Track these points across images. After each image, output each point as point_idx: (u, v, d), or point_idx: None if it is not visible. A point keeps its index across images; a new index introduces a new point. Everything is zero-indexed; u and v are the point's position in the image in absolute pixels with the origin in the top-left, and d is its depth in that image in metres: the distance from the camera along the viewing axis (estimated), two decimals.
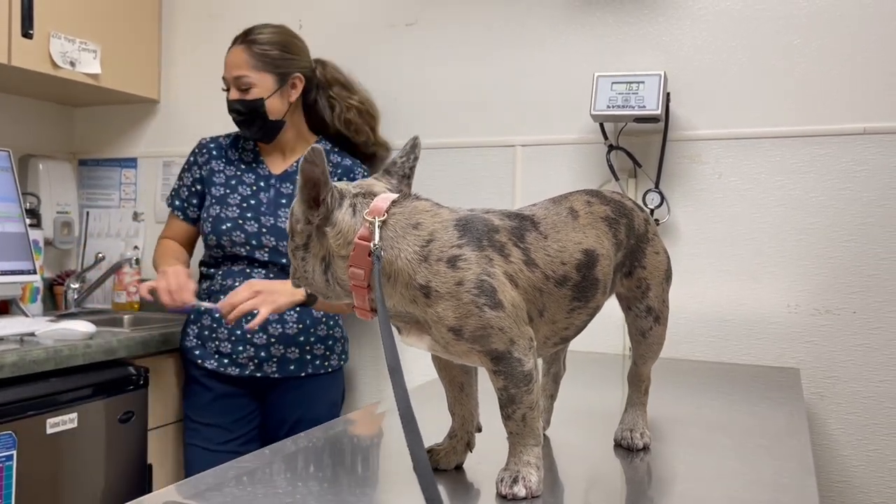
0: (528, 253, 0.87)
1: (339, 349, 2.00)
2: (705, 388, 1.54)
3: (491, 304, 0.83)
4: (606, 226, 0.97)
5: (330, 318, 1.96)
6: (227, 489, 0.86)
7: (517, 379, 0.83)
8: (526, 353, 0.84)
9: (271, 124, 1.91)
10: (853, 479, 1.76)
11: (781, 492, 0.90)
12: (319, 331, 1.94)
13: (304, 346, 1.91)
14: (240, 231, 1.89)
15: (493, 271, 0.84)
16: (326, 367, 1.95)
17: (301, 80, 1.92)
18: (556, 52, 2.03)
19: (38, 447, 1.60)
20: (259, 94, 1.87)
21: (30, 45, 2.02)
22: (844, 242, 1.78)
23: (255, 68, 1.86)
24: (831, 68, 1.80)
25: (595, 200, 0.99)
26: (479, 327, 0.82)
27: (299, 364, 1.91)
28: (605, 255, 0.95)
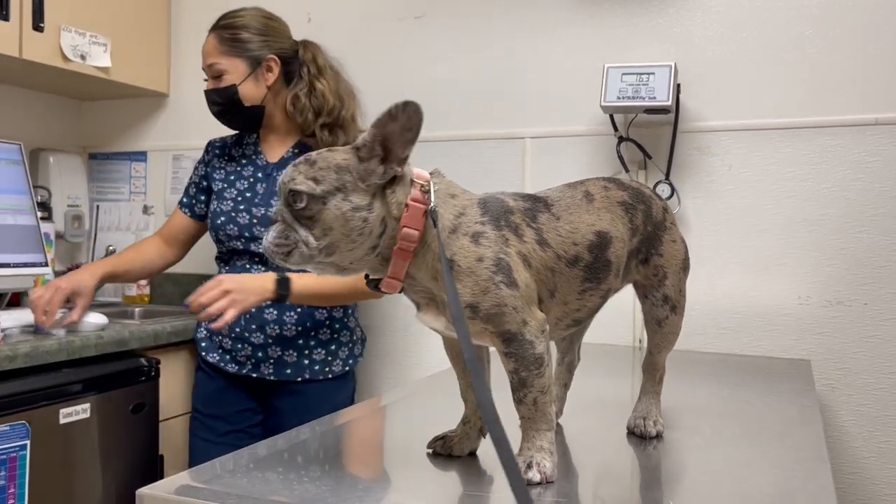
0: (540, 233, 0.89)
1: (344, 353, 1.88)
2: (716, 380, 1.54)
3: (507, 282, 0.84)
4: (623, 210, 0.98)
5: (335, 322, 1.86)
6: (239, 475, 0.86)
7: (528, 362, 0.84)
8: (537, 335, 0.84)
9: (249, 111, 1.83)
10: (864, 471, 1.75)
11: (796, 481, 0.89)
12: (321, 335, 1.85)
13: (303, 349, 1.83)
14: (233, 224, 1.84)
15: (508, 251, 0.86)
16: (327, 373, 1.85)
17: (276, 63, 1.82)
18: (566, 44, 2.03)
19: (51, 437, 1.61)
20: (231, 81, 1.80)
21: (41, 39, 2.02)
22: (856, 234, 1.77)
23: (225, 54, 1.80)
24: (843, 58, 1.79)
25: (612, 186, 1.00)
26: (494, 305, 0.83)
27: (297, 368, 1.83)
28: (619, 237, 0.96)
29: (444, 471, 0.91)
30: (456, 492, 0.87)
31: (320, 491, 0.84)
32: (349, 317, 1.91)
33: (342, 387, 1.89)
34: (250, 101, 1.82)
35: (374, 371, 2.21)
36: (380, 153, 0.83)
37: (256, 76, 1.82)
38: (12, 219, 2.02)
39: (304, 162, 0.83)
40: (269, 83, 1.83)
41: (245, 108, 1.83)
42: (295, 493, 0.81)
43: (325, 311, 1.84)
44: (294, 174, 0.82)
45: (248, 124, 1.88)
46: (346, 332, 1.90)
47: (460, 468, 0.92)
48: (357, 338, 1.94)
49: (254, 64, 1.81)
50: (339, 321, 1.88)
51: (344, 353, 1.88)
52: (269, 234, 0.84)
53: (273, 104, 1.85)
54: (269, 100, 1.84)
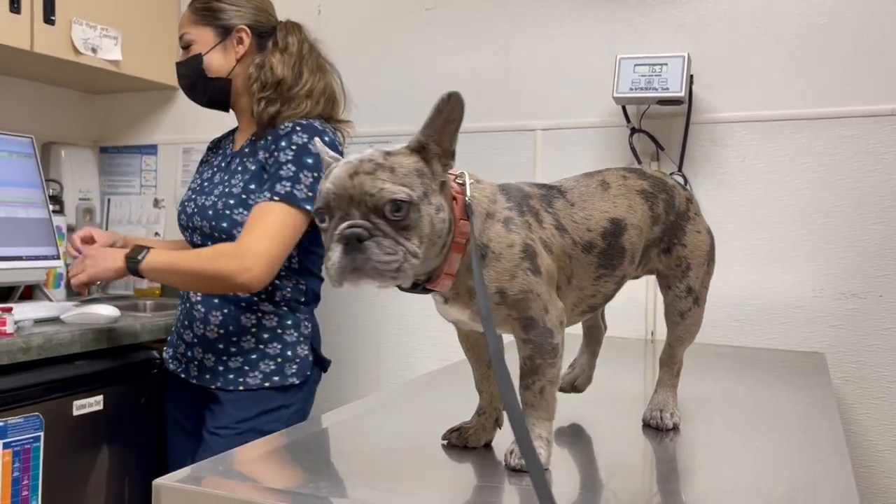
0: (557, 218, 0.90)
1: (268, 368, 1.64)
2: (731, 373, 1.53)
3: (533, 268, 0.84)
4: (642, 199, 0.98)
5: (265, 331, 1.65)
6: (256, 465, 0.86)
7: (544, 350, 0.84)
8: (556, 325, 0.85)
9: (214, 84, 1.71)
10: (879, 465, 1.74)
11: (814, 474, 0.89)
12: (244, 342, 1.64)
13: (222, 355, 1.65)
14: (183, 215, 1.74)
15: (532, 237, 0.86)
16: (239, 385, 1.63)
17: (248, 34, 1.70)
18: (578, 35, 2.01)
19: (64, 429, 1.61)
20: (197, 50, 1.70)
21: (52, 32, 2.03)
22: (871, 225, 1.76)
23: (194, 23, 1.71)
24: (858, 48, 1.77)
25: (632, 175, 1.01)
26: (520, 290, 0.83)
27: (213, 374, 1.65)
28: (635, 225, 0.95)
29: (460, 462, 0.91)
30: (471, 483, 0.86)
31: (336, 480, 0.83)
32: (287, 330, 1.67)
33: (258, 404, 1.63)
34: (215, 73, 1.71)
35: (338, 377, 2.21)
36: (438, 151, 0.81)
37: (225, 47, 1.71)
38: (24, 212, 2.02)
39: (379, 169, 0.77)
40: (239, 55, 1.71)
41: (210, 81, 1.71)
42: (311, 483, 0.80)
43: (252, 317, 1.65)
44: (381, 184, 0.76)
45: (214, 99, 1.75)
46: (277, 345, 1.66)
47: (475, 459, 0.92)
48: (298, 356, 1.67)
49: (223, 33, 1.70)
50: (271, 331, 1.66)
51: (268, 366, 1.64)
52: (369, 251, 0.75)
53: (238, 80, 1.72)
54: (236, 74, 1.72)
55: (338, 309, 2.24)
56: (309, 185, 1.58)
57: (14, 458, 1.50)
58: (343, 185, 0.76)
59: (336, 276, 0.76)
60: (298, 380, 1.66)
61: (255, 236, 1.54)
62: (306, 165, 1.58)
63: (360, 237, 0.75)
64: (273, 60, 1.70)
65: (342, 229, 0.76)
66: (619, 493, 0.83)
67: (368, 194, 0.76)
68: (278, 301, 1.67)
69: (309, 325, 1.72)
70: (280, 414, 1.65)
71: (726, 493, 0.82)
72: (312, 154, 1.58)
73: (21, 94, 2.38)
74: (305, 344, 1.69)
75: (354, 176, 0.76)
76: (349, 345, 2.25)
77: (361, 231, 0.75)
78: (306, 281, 1.71)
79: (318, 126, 1.65)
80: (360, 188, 0.76)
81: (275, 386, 1.64)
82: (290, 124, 1.62)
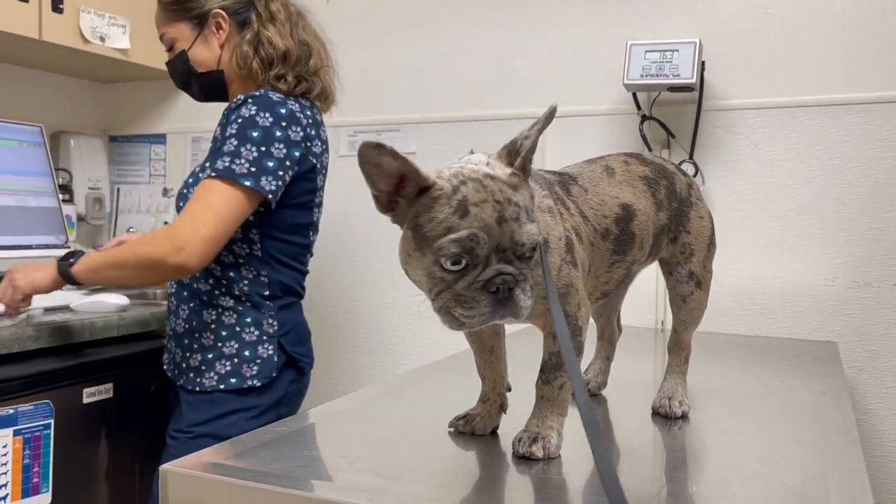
0: (577, 205, 0.88)
1: (224, 369, 1.54)
2: (742, 361, 1.52)
3: (572, 261, 0.83)
4: (645, 185, 0.97)
5: (223, 328, 1.56)
6: (261, 452, 0.86)
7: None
8: (585, 322, 0.85)
9: (206, 78, 1.66)
10: (892, 454, 1.73)
11: (826, 464, 0.88)
12: (203, 339, 1.56)
13: (185, 351, 1.59)
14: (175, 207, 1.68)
15: (567, 226, 0.85)
16: (195, 385, 1.55)
17: (224, 18, 1.62)
18: (588, 21, 1.99)
19: (74, 416, 1.62)
20: (181, 48, 1.65)
21: (60, 20, 2.02)
22: (885, 213, 1.74)
23: (168, 21, 1.65)
24: (872, 34, 1.74)
25: (633, 161, 0.99)
26: (564, 284, 0.82)
27: (180, 371, 1.60)
28: (643, 210, 0.95)
29: (466, 450, 0.91)
30: (478, 471, 0.86)
31: (342, 468, 0.83)
32: (247, 328, 1.56)
33: (214, 407, 1.54)
34: (204, 67, 1.65)
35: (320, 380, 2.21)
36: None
37: (206, 37, 1.64)
38: (34, 201, 2.03)
39: (521, 211, 0.74)
40: (222, 41, 1.63)
41: (201, 76, 1.65)
42: (316, 471, 0.80)
43: (213, 313, 1.57)
44: (527, 228, 0.73)
45: (210, 93, 1.69)
46: (235, 345, 1.55)
47: (482, 447, 0.91)
48: (259, 357, 1.56)
49: (199, 24, 1.63)
50: (229, 329, 1.56)
51: (224, 367, 1.54)
52: (517, 299, 0.73)
53: (229, 67, 1.65)
54: (224, 62, 1.65)
55: (336, 304, 2.24)
56: (252, 160, 1.47)
57: (24, 446, 1.50)
58: (492, 232, 0.72)
59: (479, 323, 0.74)
60: (260, 382, 1.54)
61: (188, 215, 1.44)
62: (249, 139, 1.47)
63: (511, 285, 0.73)
64: (268, 33, 1.62)
65: (491, 277, 0.73)
66: (627, 481, 0.82)
67: (520, 244, 0.73)
68: (238, 295, 1.57)
69: (275, 322, 1.58)
70: (237, 418, 1.53)
71: (735, 482, 0.81)
72: (259, 127, 1.48)
73: (30, 83, 2.38)
74: (270, 343, 1.57)
75: (503, 223, 0.73)
76: (352, 339, 2.24)
77: (513, 279, 0.73)
78: (269, 272, 1.59)
79: (275, 98, 1.54)
80: (510, 237, 0.73)
81: (231, 389, 1.53)
82: (242, 96, 1.53)
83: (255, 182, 1.47)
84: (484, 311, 0.73)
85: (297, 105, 1.58)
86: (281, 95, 1.57)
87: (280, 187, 1.53)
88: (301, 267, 1.68)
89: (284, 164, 1.52)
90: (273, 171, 1.50)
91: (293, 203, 1.60)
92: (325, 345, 2.26)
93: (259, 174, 1.48)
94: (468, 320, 0.73)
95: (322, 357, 2.25)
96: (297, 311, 1.68)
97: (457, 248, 0.72)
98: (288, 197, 1.58)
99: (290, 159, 1.54)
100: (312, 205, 1.66)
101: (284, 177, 1.53)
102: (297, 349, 1.64)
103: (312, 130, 1.60)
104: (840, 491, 0.77)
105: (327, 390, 2.23)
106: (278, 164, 1.51)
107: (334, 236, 2.23)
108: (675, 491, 0.79)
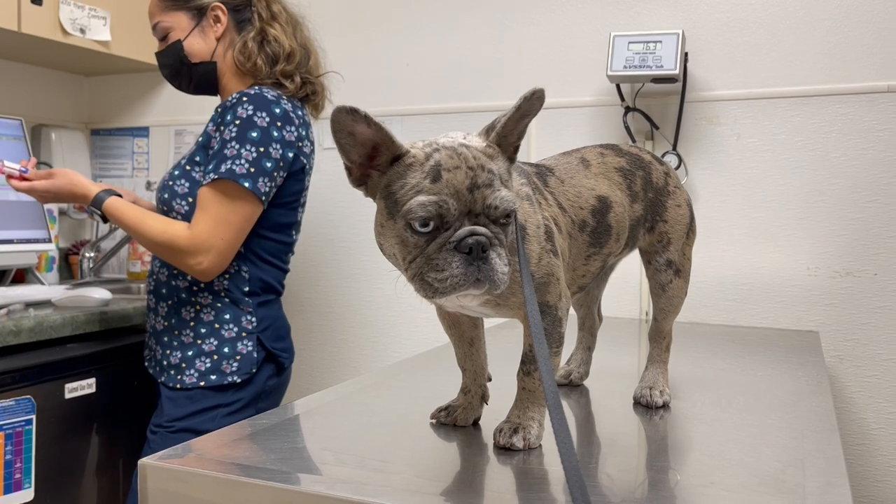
0: (555, 196, 0.88)
1: (204, 366, 1.55)
2: (724, 352, 1.53)
3: (553, 249, 0.83)
4: (620, 176, 0.97)
5: (202, 325, 1.57)
6: (241, 445, 0.86)
7: (552, 339, 0.83)
8: (565, 314, 0.84)
9: (199, 69, 1.66)
10: (872, 442, 1.74)
11: (805, 451, 0.88)
12: (184, 335, 1.58)
13: (165, 349, 1.60)
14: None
15: (546, 215, 0.84)
16: (176, 383, 1.56)
17: (224, 11, 1.64)
18: (571, 12, 1.99)
19: (56, 412, 1.61)
20: (176, 37, 1.65)
21: (39, 12, 2.00)
22: (866, 203, 1.75)
23: (166, 9, 1.65)
24: (854, 25, 1.75)
25: (609, 152, 0.99)
26: (545, 274, 0.82)
27: (161, 368, 1.61)
28: (618, 202, 0.95)
29: (448, 441, 0.91)
30: (459, 462, 0.86)
31: (324, 460, 0.83)
32: (226, 325, 1.58)
33: (194, 402, 1.55)
34: (198, 57, 1.65)
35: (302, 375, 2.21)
36: (509, 146, 0.79)
37: (203, 28, 1.65)
38: (15, 195, 2.01)
39: (494, 178, 0.73)
40: (219, 34, 1.65)
41: (194, 67, 1.66)
42: (295, 464, 0.80)
43: (192, 310, 1.59)
44: (501, 194, 0.73)
45: (201, 85, 1.70)
46: (214, 341, 1.57)
47: (464, 438, 0.91)
48: (239, 353, 1.57)
49: (198, 15, 1.64)
50: (208, 326, 1.58)
51: (204, 364, 1.56)
52: (492, 261, 0.72)
53: (223, 60, 1.66)
54: (219, 55, 1.66)
55: (320, 298, 2.24)
56: (251, 160, 1.50)
57: (6, 441, 1.49)
58: (463, 198, 0.72)
59: (453, 287, 0.71)
60: (240, 378, 1.56)
61: (208, 222, 1.49)
62: (249, 140, 1.50)
63: (485, 247, 0.72)
64: (273, 31, 1.65)
65: (463, 236, 0.71)
66: (609, 471, 0.82)
67: (493, 207, 0.73)
68: (217, 291, 1.58)
69: (254, 318, 1.60)
70: (216, 413, 1.55)
71: (716, 470, 0.82)
72: (257, 127, 1.51)
73: (10, 76, 2.36)
74: (249, 340, 1.58)
75: (475, 189, 0.72)
76: (334, 333, 2.24)
77: (486, 241, 0.72)
78: (250, 269, 1.60)
79: (270, 96, 1.56)
80: (482, 202, 0.72)
81: (211, 385, 1.55)
82: (237, 95, 1.55)
83: (253, 184, 1.51)
84: (456, 273, 0.71)
85: (289, 104, 1.60)
86: (275, 94, 1.58)
87: (273, 188, 1.56)
88: (282, 265, 1.69)
89: (279, 165, 1.55)
90: (269, 173, 1.53)
91: (281, 202, 1.61)
92: (309, 338, 2.25)
93: (257, 175, 1.51)
94: (440, 284, 0.72)
95: (307, 351, 2.25)
96: (276, 307, 1.68)
97: (424, 212, 0.71)
98: (276, 196, 1.60)
99: (284, 160, 1.57)
100: (298, 204, 1.67)
101: (277, 178, 1.56)
102: (277, 345, 1.64)
103: (304, 131, 1.63)
104: (817, 478, 0.78)
105: (312, 384, 2.22)
106: (274, 164, 1.54)
107: (318, 230, 2.22)
108: (656, 480, 0.79)
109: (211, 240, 1.49)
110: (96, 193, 1.58)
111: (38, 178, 1.62)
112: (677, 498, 0.74)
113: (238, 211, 1.51)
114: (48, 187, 1.60)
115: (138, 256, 2.38)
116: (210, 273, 1.53)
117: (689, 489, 0.77)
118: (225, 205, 1.50)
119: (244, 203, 1.51)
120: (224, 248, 1.51)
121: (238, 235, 1.53)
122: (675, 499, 0.74)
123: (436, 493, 0.74)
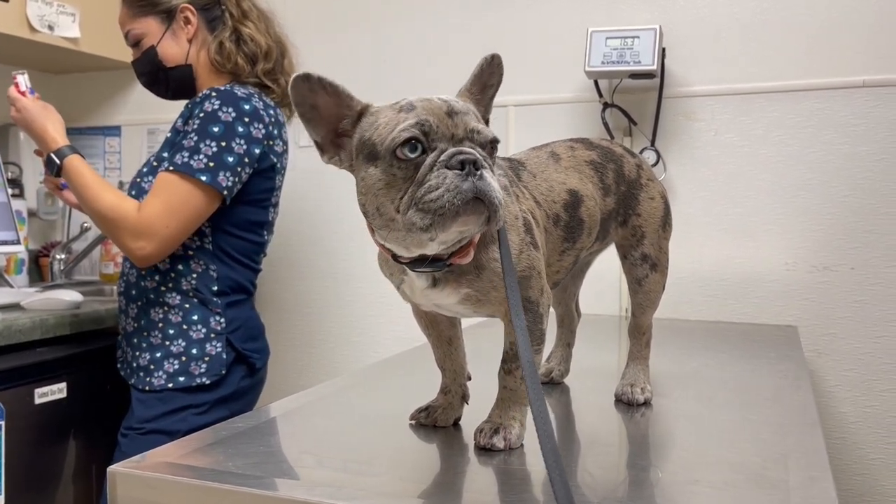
0: (529, 190, 0.86)
1: (172, 367, 1.53)
2: (704, 347, 1.53)
3: (533, 243, 0.81)
4: (591, 170, 0.96)
5: (170, 326, 1.55)
6: (214, 450, 0.83)
7: (534, 336, 0.81)
8: (546, 310, 0.82)
9: (175, 73, 1.64)
10: (851, 436, 1.75)
11: (786, 446, 0.88)
12: (152, 337, 1.56)
13: (135, 350, 1.59)
14: None
15: (523, 207, 0.82)
16: (145, 385, 1.55)
17: (193, 12, 1.62)
18: (549, 8, 1.98)
19: (26, 417, 1.57)
20: (149, 43, 1.63)
21: (6, 8, 1.95)
22: (843, 198, 1.76)
23: (135, 16, 1.63)
24: (830, 20, 1.76)
25: (579, 146, 0.98)
26: (526, 267, 0.80)
27: (131, 370, 1.60)
28: (590, 196, 0.93)
29: (428, 442, 0.89)
30: (440, 463, 0.84)
31: (302, 463, 0.81)
32: (194, 326, 1.56)
33: (164, 404, 1.53)
34: (173, 61, 1.64)
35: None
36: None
37: (174, 31, 1.63)
38: None
39: (466, 113, 0.72)
40: (190, 35, 1.63)
41: (170, 71, 1.64)
42: (271, 468, 0.78)
43: (160, 311, 1.57)
44: (478, 123, 0.72)
45: (180, 90, 1.68)
46: (182, 342, 1.55)
47: (444, 439, 0.90)
48: (208, 354, 1.55)
49: (167, 18, 1.63)
50: (176, 327, 1.55)
51: (172, 366, 1.54)
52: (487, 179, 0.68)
53: (198, 61, 1.65)
54: (192, 57, 1.64)
55: (297, 298, 2.21)
56: (210, 155, 1.48)
57: None
58: (443, 120, 0.70)
59: (451, 205, 0.67)
60: (209, 379, 1.54)
61: (155, 209, 1.47)
62: (210, 134, 1.49)
63: (478, 164, 0.68)
64: (247, 30, 1.64)
65: (453, 154, 0.68)
66: (590, 470, 0.81)
67: (476, 131, 0.71)
68: (185, 291, 1.56)
69: (223, 319, 1.57)
70: (186, 414, 1.53)
71: (698, 467, 0.81)
72: (220, 122, 1.49)
73: None
74: (218, 340, 1.56)
75: (454, 115, 0.71)
76: (312, 333, 2.22)
77: (478, 158, 0.68)
78: (219, 267, 1.58)
79: (240, 93, 1.54)
80: (464, 126, 0.71)
81: (180, 387, 1.53)
82: (207, 90, 1.54)
83: (212, 178, 1.48)
84: (452, 187, 0.67)
85: (261, 102, 1.58)
86: (246, 91, 1.57)
87: (237, 183, 1.53)
88: (253, 265, 1.67)
89: (243, 160, 1.52)
90: (231, 167, 1.50)
91: (249, 199, 1.59)
92: (287, 339, 2.22)
93: (217, 169, 1.48)
94: (437, 204, 0.67)
95: (285, 352, 2.22)
96: (246, 308, 1.66)
97: (408, 133, 0.69)
98: (244, 193, 1.57)
99: (250, 156, 1.53)
100: (269, 204, 1.65)
101: (242, 174, 1.53)
102: (247, 345, 1.62)
103: (275, 129, 1.61)
104: (800, 472, 0.77)
105: (290, 385, 2.20)
106: (237, 160, 1.51)
107: (295, 228, 2.20)
108: (639, 478, 0.78)
109: (156, 225, 1.47)
110: (63, 145, 1.56)
111: (34, 102, 1.60)
112: (660, 496, 0.73)
113: (190, 203, 1.48)
114: (31, 109, 1.57)
115: (111, 258, 2.33)
116: (149, 259, 1.50)
117: (671, 486, 0.76)
118: (178, 195, 1.47)
119: (198, 196, 1.49)
120: (168, 236, 1.48)
121: (185, 227, 1.49)
122: (658, 497, 0.72)
123: (416, 495, 0.73)
